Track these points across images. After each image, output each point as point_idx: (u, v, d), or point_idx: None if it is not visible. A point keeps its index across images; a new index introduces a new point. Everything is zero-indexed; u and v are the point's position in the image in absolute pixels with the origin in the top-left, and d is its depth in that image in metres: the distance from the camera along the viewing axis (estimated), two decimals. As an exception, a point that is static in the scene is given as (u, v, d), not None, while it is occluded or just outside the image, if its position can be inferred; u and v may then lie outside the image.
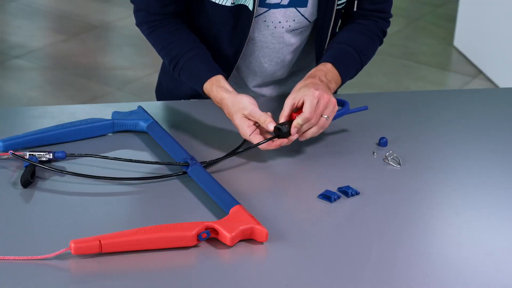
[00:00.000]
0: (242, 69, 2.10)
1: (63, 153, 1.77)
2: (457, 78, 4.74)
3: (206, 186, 1.70)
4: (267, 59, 2.06)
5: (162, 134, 1.88)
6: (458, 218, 1.68)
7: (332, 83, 1.94)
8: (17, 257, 1.48)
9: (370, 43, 2.06)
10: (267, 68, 2.08)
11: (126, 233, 1.52)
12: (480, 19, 4.82)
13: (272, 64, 2.08)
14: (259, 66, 2.08)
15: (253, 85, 2.13)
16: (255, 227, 1.56)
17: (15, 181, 1.71)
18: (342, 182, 1.76)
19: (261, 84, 2.13)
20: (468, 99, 2.23)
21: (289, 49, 2.06)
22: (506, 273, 1.52)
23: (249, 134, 1.81)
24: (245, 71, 2.10)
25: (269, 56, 2.06)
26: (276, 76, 2.12)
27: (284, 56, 2.07)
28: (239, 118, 1.83)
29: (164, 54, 2.00)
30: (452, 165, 1.87)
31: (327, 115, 1.83)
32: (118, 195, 1.70)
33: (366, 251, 1.56)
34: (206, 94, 1.94)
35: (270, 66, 2.08)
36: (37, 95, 4.31)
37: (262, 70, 2.09)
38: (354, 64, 2.02)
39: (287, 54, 2.07)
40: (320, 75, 1.92)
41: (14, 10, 5.37)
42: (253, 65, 2.08)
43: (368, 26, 2.06)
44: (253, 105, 1.82)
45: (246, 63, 2.08)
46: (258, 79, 2.11)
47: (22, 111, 2.13)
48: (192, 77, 1.96)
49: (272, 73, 2.10)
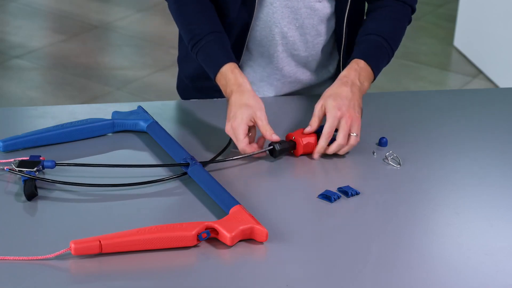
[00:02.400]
0: (254, 47, 2.06)
1: (52, 162, 1.72)
2: (457, 78, 4.74)
3: (206, 186, 1.70)
4: (285, 21, 2.01)
5: (162, 134, 1.88)
6: (458, 218, 1.68)
7: (365, 82, 1.93)
8: (17, 257, 1.48)
9: (399, 27, 2.04)
10: (286, 32, 2.02)
11: (126, 233, 1.52)
12: (480, 19, 4.82)
13: (291, 29, 2.02)
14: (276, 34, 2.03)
15: (266, 74, 2.08)
16: (255, 227, 1.56)
17: (15, 182, 1.71)
18: (342, 182, 1.76)
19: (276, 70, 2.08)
20: (468, 99, 2.23)
21: (308, 12, 2.01)
22: (506, 273, 1.52)
23: (242, 139, 1.80)
24: (258, 51, 2.06)
25: (288, 18, 2.01)
26: (295, 50, 2.05)
27: (303, 20, 2.02)
28: (244, 116, 1.81)
29: (186, 31, 1.98)
30: (452, 165, 1.87)
31: (354, 132, 1.83)
32: (118, 195, 1.70)
33: (366, 251, 1.56)
34: (219, 77, 1.91)
35: (290, 31, 2.02)
36: (37, 95, 4.31)
37: (282, 36, 2.03)
38: (385, 56, 2.01)
39: (306, 18, 2.02)
40: (354, 77, 1.91)
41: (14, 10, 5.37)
42: (268, 34, 2.03)
43: (395, 7, 2.03)
44: (264, 111, 1.83)
45: (262, 33, 2.03)
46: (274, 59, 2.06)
47: (22, 111, 2.13)
48: (210, 58, 1.94)
49: (292, 44, 2.04)
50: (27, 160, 1.71)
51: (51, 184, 1.70)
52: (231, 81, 1.88)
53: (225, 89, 1.90)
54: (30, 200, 1.65)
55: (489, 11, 4.73)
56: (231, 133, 1.83)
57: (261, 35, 2.03)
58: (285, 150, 1.84)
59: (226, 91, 1.89)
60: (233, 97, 1.86)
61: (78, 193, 1.69)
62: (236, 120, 1.82)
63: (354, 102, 1.86)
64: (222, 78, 1.91)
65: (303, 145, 1.84)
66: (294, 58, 2.07)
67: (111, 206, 1.67)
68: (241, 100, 1.84)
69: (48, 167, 1.72)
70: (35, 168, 1.69)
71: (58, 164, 1.73)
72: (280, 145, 1.83)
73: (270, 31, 2.02)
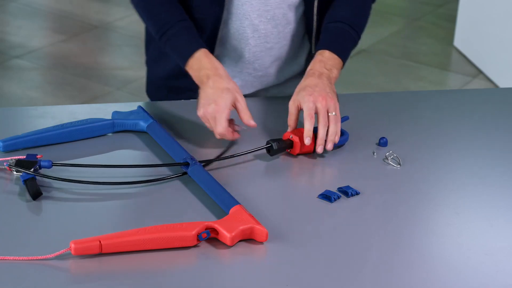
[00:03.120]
0: (228, 41, 2.05)
1: (49, 162, 1.72)
2: (457, 78, 4.74)
3: (206, 186, 1.70)
4: (256, 13, 2.00)
5: (162, 134, 1.88)
6: (458, 218, 1.68)
7: (334, 70, 1.94)
8: (17, 257, 1.48)
9: (362, 10, 2.05)
10: (257, 25, 2.02)
11: (126, 233, 1.52)
12: (480, 19, 4.82)
13: (262, 21, 2.01)
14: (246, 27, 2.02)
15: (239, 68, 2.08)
16: (255, 227, 1.56)
17: (14, 182, 1.71)
18: (342, 182, 1.76)
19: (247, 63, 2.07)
20: (468, 99, 2.23)
21: (277, 1, 2.00)
22: (506, 273, 1.52)
23: (224, 124, 1.79)
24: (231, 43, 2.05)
25: (258, 10, 2.00)
26: (267, 43, 2.04)
27: (274, 11, 2.01)
28: (228, 102, 1.80)
29: (155, 22, 1.96)
30: (452, 165, 1.87)
31: (333, 112, 1.84)
32: (118, 195, 1.70)
33: (366, 251, 1.56)
34: (191, 62, 1.89)
35: (261, 24, 2.01)
36: (37, 95, 4.31)
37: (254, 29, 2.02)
38: (351, 41, 2.01)
39: (276, 7, 2.01)
40: (319, 67, 1.92)
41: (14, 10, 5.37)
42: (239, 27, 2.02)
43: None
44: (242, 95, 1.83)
45: (233, 27, 2.02)
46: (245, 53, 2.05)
47: (22, 111, 2.13)
48: (182, 44, 1.93)
49: (264, 36, 2.03)
50: (23, 159, 1.71)
51: (51, 184, 1.70)
52: (206, 65, 1.88)
53: (198, 73, 1.89)
54: (35, 199, 1.65)
55: (489, 11, 4.73)
56: (210, 117, 1.82)
57: (233, 28, 2.03)
58: (282, 149, 1.84)
59: (200, 75, 1.88)
60: (211, 81, 1.85)
61: (78, 193, 1.69)
62: (219, 105, 1.81)
63: (324, 86, 1.87)
64: (195, 63, 1.90)
65: (301, 144, 1.84)
66: (265, 51, 2.06)
67: (111, 206, 1.67)
68: (221, 84, 1.84)
69: (45, 167, 1.72)
70: (32, 169, 1.69)
71: (55, 164, 1.72)
72: (278, 144, 1.83)
73: (241, 24, 2.01)
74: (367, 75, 4.73)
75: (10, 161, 1.70)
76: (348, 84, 4.56)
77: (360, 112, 2.06)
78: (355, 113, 2.03)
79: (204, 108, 1.83)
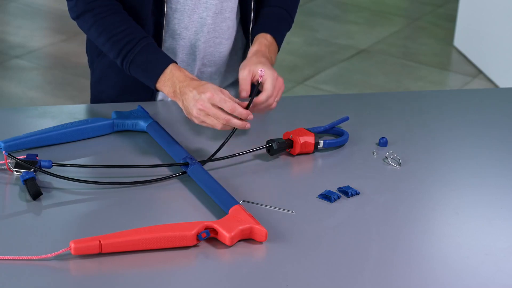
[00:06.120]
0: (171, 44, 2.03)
1: (49, 162, 1.71)
2: (457, 78, 4.74)
3: (206, 186, 1.70)
4: (203, 7, 1.98)
5: (162, 134, 1.88)
6: (458, 218, 1.69)
7: (273, 56, 1.98)
8: (17, 257, 1.48)
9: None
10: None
11: (126, 233, 1.52)
12: (480, 19, 4.82)
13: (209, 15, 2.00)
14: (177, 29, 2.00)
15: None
16: (254, 227, 1.56)
17: (13, 182, 1.71)
18: (342, 182, 1.76)
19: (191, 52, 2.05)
20: (468, 99, 2.23)
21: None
22: (506, 273, 1.52)
23: (230, 100, 1.77)
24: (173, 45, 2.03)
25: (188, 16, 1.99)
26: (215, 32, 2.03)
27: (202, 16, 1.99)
28: (215, 85, 1.79)
29: (113, 43, 1.91)
30: (452, 165, 1.87)
31: (278, 99, 1.89)
32: (118, 195, 1.70)
33: (366, 251, 1.56)
34: (163, 78, 1.86)
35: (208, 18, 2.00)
36: (37, 95, 4.31)
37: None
38: (287, 27, 2.07)
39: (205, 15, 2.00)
40: (265, 51, 1.95)
41: (14, 10, 5.37)
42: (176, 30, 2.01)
43: None
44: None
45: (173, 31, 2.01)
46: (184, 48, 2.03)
47: (22, 111, 2.13)
48: (149, 62, 1.88)
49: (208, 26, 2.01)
50: (23, 159, 1.71)
51: (51, 184, 1.70)
52: (180, 78, 1.84)
53: (173, 89, 1.85)
54: (35, 199, 1.65)
55: (489, 11, 4.73)
56: (206, 106, 1.77)
57: (178, 23, 2.00)
58: (282, 149, 1.84)
59: (176, 89, 1.84)
60: (191, 86, 1.81)
61: (78, 193, 1.69)
62: (210, 90, 1.78)
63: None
64: (167, 79, 1.86)
65: (301, 144, 1.84)
66: (211, 40, 2.04)
67: (111, 206, 1.67)
68: (200, 83, 1.81)
69: (45, 167, 1.71)
70: (32, 169, 1.69)
71: (55, 164, 1.72)
72: (278, 143, 1.83)
73: (190, 19, 2.00)
74: (367, 75, 4.73)
75: (11, 162, 1.70)
76: (348, 84, 4.56)
77: (360, 112, 2.06)
78: (355, 113, 2.03)
79: (196, 105, 1.79)
